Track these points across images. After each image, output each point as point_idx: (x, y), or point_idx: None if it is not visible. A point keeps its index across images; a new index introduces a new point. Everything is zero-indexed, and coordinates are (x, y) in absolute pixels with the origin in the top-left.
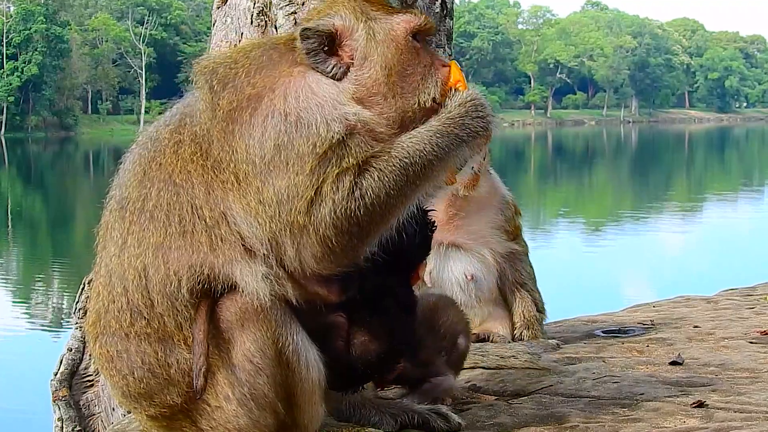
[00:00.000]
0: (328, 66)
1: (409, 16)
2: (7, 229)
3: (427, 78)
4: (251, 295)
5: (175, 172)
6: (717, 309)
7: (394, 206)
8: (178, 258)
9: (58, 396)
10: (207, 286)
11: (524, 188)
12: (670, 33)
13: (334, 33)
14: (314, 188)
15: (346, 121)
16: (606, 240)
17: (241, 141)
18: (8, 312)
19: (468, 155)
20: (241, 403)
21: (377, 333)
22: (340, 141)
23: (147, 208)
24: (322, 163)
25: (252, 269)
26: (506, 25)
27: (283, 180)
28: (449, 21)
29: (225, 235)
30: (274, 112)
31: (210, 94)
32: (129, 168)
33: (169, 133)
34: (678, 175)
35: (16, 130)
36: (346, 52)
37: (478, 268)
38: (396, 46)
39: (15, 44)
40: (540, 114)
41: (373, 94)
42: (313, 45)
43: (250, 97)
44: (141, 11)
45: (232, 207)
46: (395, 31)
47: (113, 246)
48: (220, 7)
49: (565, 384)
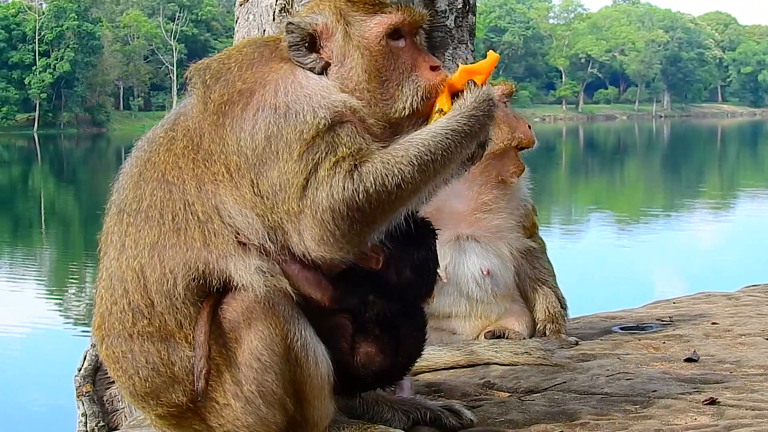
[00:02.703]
0: (308, 60)
1: (383, 17)
2: (39, 225)
3: (405, 84)
4: (246, 288)
5: (167, 169)
6: (737, 305)
7: (403, 196)
8: (172, 256)
9: (81, 392)
10: (203, 282)
11: (555, 183)
12: (703, 27)
13: (315, 32)
14: (304, 174)
15: (333, 108)
16: (635, 235)
17: (231, 134)
18: (40, 307)
19: (474, 148)
20: (249, 400)
21: (385, 347)
22: (327, 127)
23: (142, 208)
24: (310, 149)
25: (245, 263)
26: (537, 19)
27: (274, 170)
28: (471, 17)
29: (218, 229)
30: (265, 106)
31: (203, 89)
32: (126, 171)
33: (163, 132)
34: (710, 170)
35: (48, 126)
36: (325, 52)
37: (495, 264)
38: (369, 52)
39: (47, 41)
40: (571, 109)
41: (358, 90)
42: (296, 39)
43: (241, 91)
44: (172, 7)
45: (225, 200)
46: (368, 36)
47: (113, 250)
48: (243, 4)
49: (579, 381)
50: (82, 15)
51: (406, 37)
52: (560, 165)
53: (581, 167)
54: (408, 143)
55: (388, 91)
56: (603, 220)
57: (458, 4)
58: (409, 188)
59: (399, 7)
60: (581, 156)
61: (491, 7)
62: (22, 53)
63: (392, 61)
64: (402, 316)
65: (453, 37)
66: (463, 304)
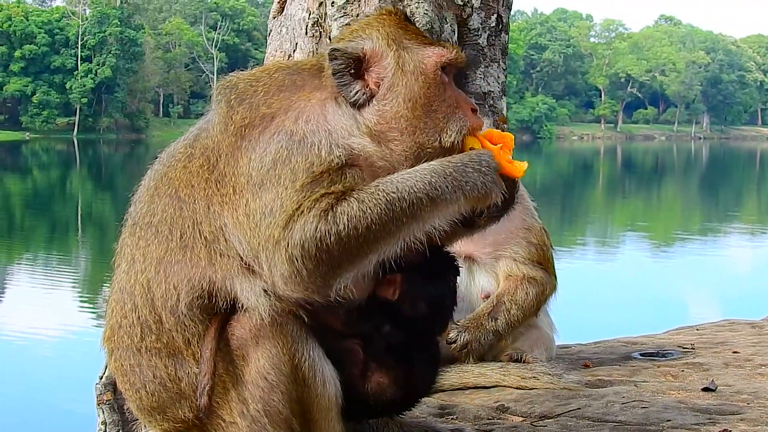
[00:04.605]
0: (351, 90)
1: (440, 49)
2: (76, 230)
3: (452, 119)
4: (252, 311)
5: (180, 187)
6: (761, 335)
7: (373, 241)
8: (177, 272)
9: (102, 399)
10: (208, 301)
11: (591, 202)
12: (744, 49)
13: (363, 57)
14: (297, 204)
15: (350, 150)
16: (667, 258)
17: (245, 156)
18: (73, 311)
19: (465, 208)
20: (255, 419)
21: (397, 378)
22: (339, 167)
23: (153, 223)
24: (315, 183)
25: (251, 284)
26: (578, 38)
27: (270, 193)
28: (504, 35)
29: (223, 250)
30: (282, 131)
31: (226, 108)
32: (144, 184)
33: (183, 148)
34: (748, 193)
35: (88, 131)
36: (372, 78)
37: (495, 287)
38: (424, 80)
39: (90, 46)
40: (610, 128)
41: (393, 128)
42: (340, 66)
43: (264, 116)
44: (214, 16)
45: (227, 222)
46: (425, 64)
47: (125, 262)
48: (276, 17)
49: (593, 407)
50: (124, 21)
51: (449, 76)
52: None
53: (618, 187)
54: (381, 182)
55: (434, 121)
56: (635, 241)
57: (491, 22)
58: (379, 231)
59: (452, 44)
60: (618, 176)
61: (532, 25)
62: (65, 58)
63: (442, 94)
64: (415, 348)
65: (485, 55)
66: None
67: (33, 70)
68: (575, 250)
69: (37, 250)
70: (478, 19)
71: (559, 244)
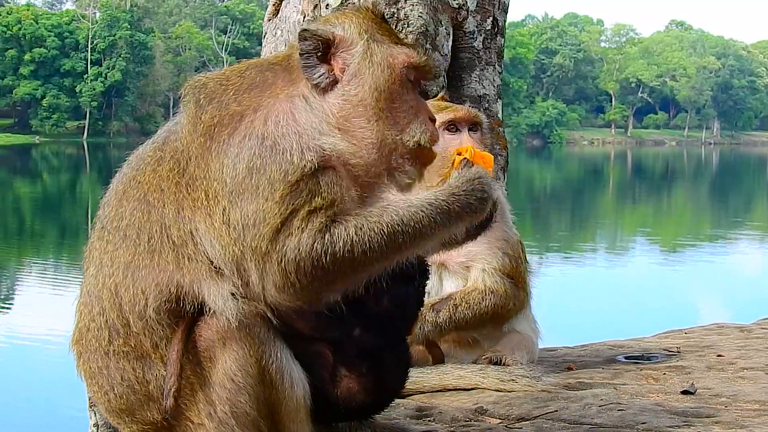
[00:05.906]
0: (316, 72)
1: (411, 51)
2: (85, 233)
3: (414, 121)
4: (220, 314)
5: (149, 190)
6: (748, 338)
7: (369, 264)
8: (144, 277)
9: (94, 402)
10: (175, 305)
11: (601, 207)
12: (755, 55)
13: (332, 41)
14: (282, 217)
15: (321, 151)
16: (673, 263)
17: (216, 159)
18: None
19: (462, 231)
20: (222, 421)
21: (366, 383)
22: (312, 172)
23: (121, 227)
24: (293, 193)
25: (219, 288)
26: (589, 42)
27: (251, 204)
28: (500, 39)
29: (192, 254)
30: (252, 135)
31: (195, 108)
32: (113, 188)
33: (152, 151)
34: (758, 199)
35: (98, 135)
36: (338, 64)
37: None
38: (390, 73)
39: (100, 50)
40: (620, 133)
41: (357, 114)
42: (308, 48)
43: (233, 114)
44: (224, 20)
45: (199, 227)
46: (394, 59)
47: (93, 266)
48: (271, 19)
49: (570, 410)
50: (134, 25)
51: (415, 81)
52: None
53: (628, 192)
54: (383, 210)
55: (395, 119)
56: (643, 246)
57: (487, 25)
58: (376, 257)
59: (425, 52)
60: (628, 180)
61: (543, 29)
62: (74, 61)
63: (406, 94)
64: (385, 350)
65: (480, 58)
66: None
67: (43, 73)
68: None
69: (46, 254)
70: (473, 22)
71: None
